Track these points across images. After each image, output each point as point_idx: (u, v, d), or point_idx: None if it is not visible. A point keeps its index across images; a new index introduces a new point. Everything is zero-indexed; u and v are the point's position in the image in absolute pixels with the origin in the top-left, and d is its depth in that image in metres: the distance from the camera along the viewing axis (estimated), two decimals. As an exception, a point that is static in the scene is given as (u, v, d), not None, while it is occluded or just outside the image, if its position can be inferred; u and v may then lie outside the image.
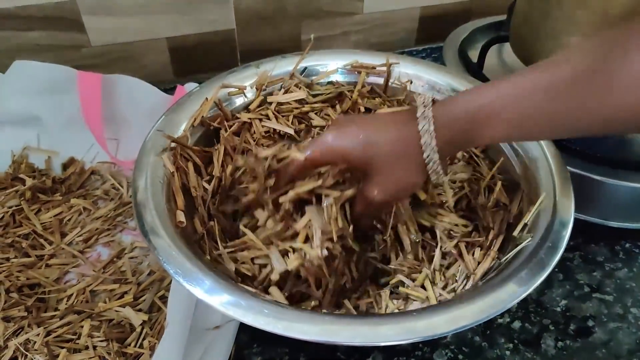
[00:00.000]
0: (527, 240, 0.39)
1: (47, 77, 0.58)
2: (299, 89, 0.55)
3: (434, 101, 0.38)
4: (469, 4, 0.85)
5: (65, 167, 0.59)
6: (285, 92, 0.54)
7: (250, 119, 0.52)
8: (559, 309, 0.48)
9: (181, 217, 0.41)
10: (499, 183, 0.48)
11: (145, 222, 0.39)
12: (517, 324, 0.47)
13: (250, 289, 0.37)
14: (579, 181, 0.50)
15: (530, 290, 0.34)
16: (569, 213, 0.40)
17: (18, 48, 0.65)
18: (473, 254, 0.42)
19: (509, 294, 0.34)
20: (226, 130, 0.50)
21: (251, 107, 0.53)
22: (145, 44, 0.71)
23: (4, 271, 0.48)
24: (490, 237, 0.43)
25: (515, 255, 0.38)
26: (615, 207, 0.53)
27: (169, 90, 0.67)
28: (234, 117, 0.52)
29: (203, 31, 0.72)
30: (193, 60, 0.75)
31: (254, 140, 0.51)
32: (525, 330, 0.46)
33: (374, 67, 0.57)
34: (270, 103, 0.53)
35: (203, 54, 0.74)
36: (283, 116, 0.52)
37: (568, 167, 0.45)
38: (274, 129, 0.51)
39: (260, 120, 0.51)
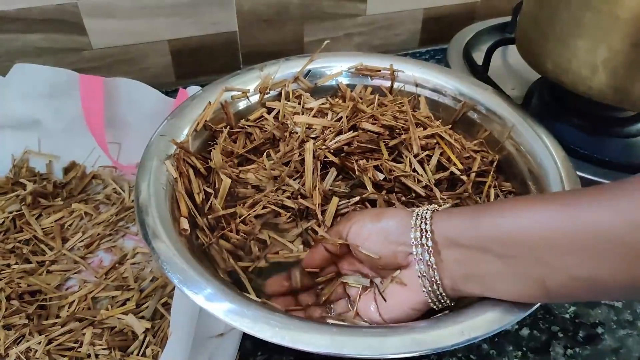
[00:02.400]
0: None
1: (48, 80, 0.57)
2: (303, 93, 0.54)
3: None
4: (473, 6, 0.85)
5: (66, 171, 0.59)
6: (287, 100, 0.53)
7: (249, 125, 0.51)
8: (567, 316, 0.47)
9: (185, 224, 0.41)
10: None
11: (147, 227, 0.39)
12: (525, 332, 0.46)
13: (255, 298, 0.37)
14: (587, 186, 0.49)
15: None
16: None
17: (19, 51, 0.65)
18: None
19: (521, 304, 0.33)
20: (224, 138, 0.49)
21: (251, 117, 0.52)
22: (146, 47, 0.70)
23: (4, 278, 0.48)
24: None
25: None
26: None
27: (171, 93, 0.67)
28: (238, 122, 0.52)
29: (205, 33, 0.72)
30: (195, 62, 0.74)
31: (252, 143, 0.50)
32: (534, 338, 0.46)
33: (378, 70, 0.56)
34: (270, 112, 0.53)
35: (205, 57, 0.74)
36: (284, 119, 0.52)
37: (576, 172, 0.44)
38: (274, 136, 0.50)
39: (260, 128, 0.51)
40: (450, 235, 0.34)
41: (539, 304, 0.34)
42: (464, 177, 0.46)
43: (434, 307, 0.36)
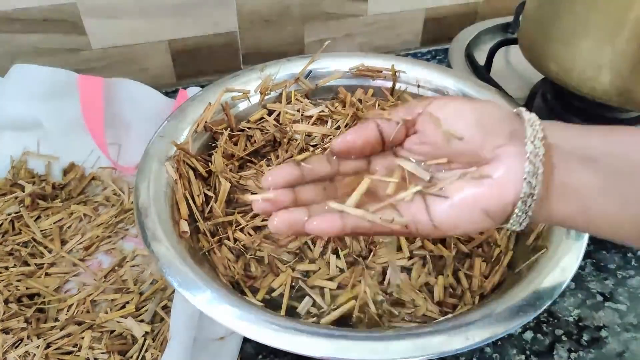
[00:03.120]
0: (542, 251, 0.37)
1: (47, 80, 0.57)
2: (303, 98, 0.53)
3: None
4: (474, 6, 0.84)
5: (65, 172, 0.58)
6: (288, 102, 0.53)
7: (250, 128, 0.50)
8: (571, 319, 0.47)
9: (185, 226, 0.40)
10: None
11: (147, 229, 0.38)
12: (529, 335, 0.45)
13: (257, 302, 0.36)
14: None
15: (551, 301, 0.33)
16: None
17: (17, 51, 0.64)
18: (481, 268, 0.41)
19: (528, 307, 0.33)
20: (225, 140, 0.49)
21: (252, 118, 0.52)
22: (146, 47, 0.70)
23: (3, 280, 0.47)
24: (496, 253, 0.42)
25: (531, 266, 0.37)
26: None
27: (171, 94, 0.66)
28: (238, 123, 0.51)
29: (205, 33, 0.71)
30: (195, 62, 0.74)
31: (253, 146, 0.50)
32: (538, 341, 0.45)
33: (380, 71, 0.56)
34: (270, 114, 0.52)
35: (205, 57, 0.73)
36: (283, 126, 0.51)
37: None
38: (275, 138, 0.49)
39: (261, 130, 0.50)
40: (553, 139, 0.30)
41: (543, 308, 0.34)
42: None
43: (516, 214, 0.30)
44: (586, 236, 0.37)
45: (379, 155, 0.33)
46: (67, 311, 0.46)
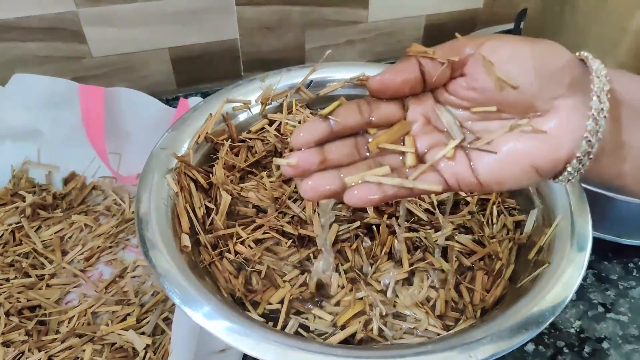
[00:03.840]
0: (544, 266, 0.37)
1: (48, 90, 0.57)
2: (304, 108, 0.53)
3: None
4: (475, 13, 0.84)
5: (66, 182, 0.58)
6: (289, 112, 0.53)
7: (251, 138, 0.50)
8: (573, 331, 0.47)
9: (186, 240, 0.40)
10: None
11: (147, 242, 0.38)
12: (530, 347, 0.45)
13: (257, 317, 0.36)
14: (592, 198, 0.48)
15: (554, 317, 0.33)
16: (586, 234, 0.39)
17: (18, 59, 0.64)
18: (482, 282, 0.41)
19: (530, 323, 0.33)
20: (226, 152, 0.48)
21: (252, 129, 0.52)
22: (147, 55, 0.69)
23: (4, 292, 0.47)
24: (498, 266, 0.41)
25: (534, 281, 0.37)
26: (628, 224, 0.51)
27: (172, 101, 0.66)
28: (239, 133, 0.51)
29: (206, 41, 0.71)
30: (196, 70, 0.74)
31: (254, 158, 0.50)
32: (539, 354, 0.45)
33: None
34: (272, 124, 0.52)
35: (206, 64, 0.73)
36: (284, 137, 0.51)
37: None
38: (276, 148, 0.49)
39: (262, 141, 0.50)
40: (619, 91, 0.28)
41: (546, 325, 0.33)
42: (468, 198, 0.45)
43: (568, 171, 0.28)
44: (588, 250, 0.37)
45: (418, 99, 0.31)
46: (68, 323, 0.46)
